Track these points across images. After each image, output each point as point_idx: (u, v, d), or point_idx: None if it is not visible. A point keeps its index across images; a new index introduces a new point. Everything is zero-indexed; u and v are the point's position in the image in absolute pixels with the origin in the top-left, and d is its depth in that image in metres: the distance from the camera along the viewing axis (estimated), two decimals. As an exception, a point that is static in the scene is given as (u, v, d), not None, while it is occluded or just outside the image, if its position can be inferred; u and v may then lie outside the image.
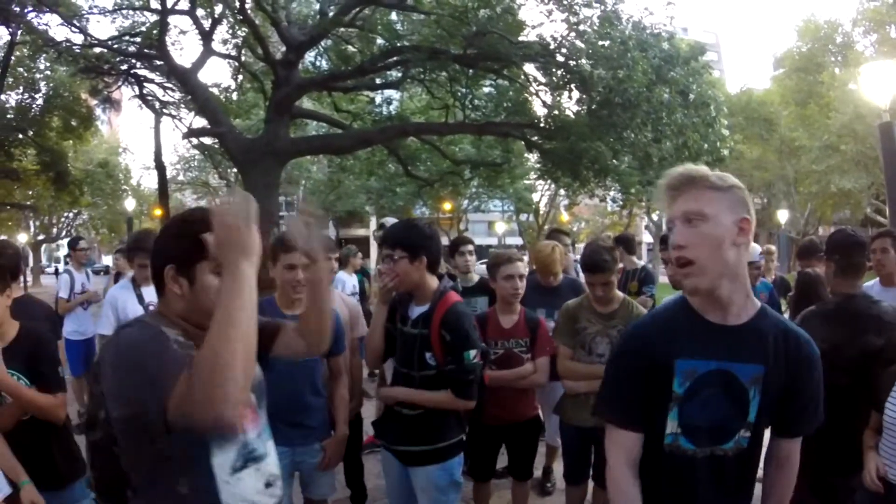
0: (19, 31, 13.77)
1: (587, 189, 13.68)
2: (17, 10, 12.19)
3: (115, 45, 13.64)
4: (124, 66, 14.53)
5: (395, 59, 12.45)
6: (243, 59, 14.93)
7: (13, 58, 15.50)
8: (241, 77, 15.86)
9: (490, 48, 11.14)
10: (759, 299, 1.61)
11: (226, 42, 14.43)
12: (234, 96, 16.57)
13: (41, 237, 33.98)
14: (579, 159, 11.24)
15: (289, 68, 12.40)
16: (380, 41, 13.79)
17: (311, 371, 2.84)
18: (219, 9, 13.21)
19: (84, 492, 2.46)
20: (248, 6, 11.99)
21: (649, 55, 10.70)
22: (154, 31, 12.57)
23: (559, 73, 11.52)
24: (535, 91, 12.62)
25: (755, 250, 4.51)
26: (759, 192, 32.38)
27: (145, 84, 15.64)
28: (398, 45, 12.60)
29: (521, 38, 11.49)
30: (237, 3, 11.82)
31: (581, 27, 10.99)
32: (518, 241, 38.91)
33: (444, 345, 2.50)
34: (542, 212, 35.45)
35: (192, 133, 15.81)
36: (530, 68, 12.27)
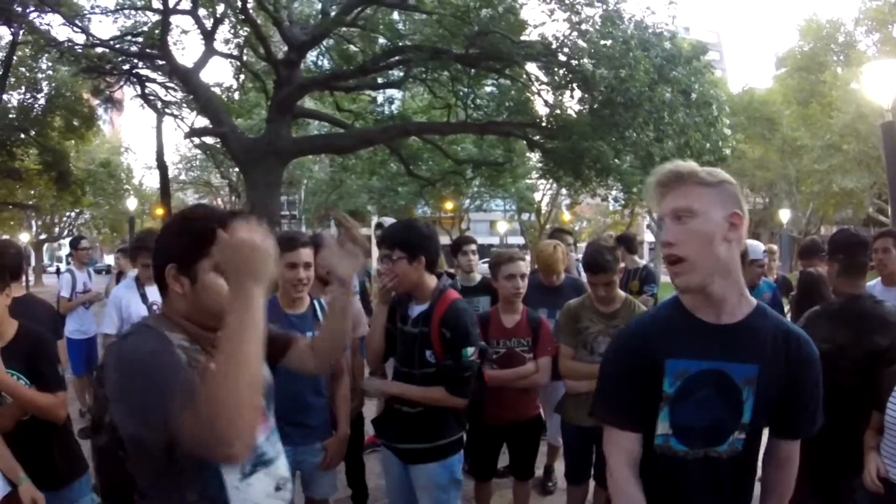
0: (21, 31, 13.78)
1: (589, 188, 13.71)
2: (20, 9, 12.21)
3: (117, 45, 13.68)
4: (126, 66, 14.58)
5: (396, 58, 12.47)
6: (245, 58, 14.95)
7: (15, 58, 15.50)
8: (242, 77, 15.89)
9: (492, 48, 11.14)
10: (763, 299, 1.59)
11: (228, 42, 14.47)
12: (236, 96, 16.61)
13: (43, 237, 34.03)
14: (581, 159, 11.24)
15: (291, 68, 12.41)
16: (382, 41, 13.80)
17: (313, 371, 2.83)
18: (221, 8, 13.24)
19: (84, 490, 2.46)
20: (249, 6, 12.00)
21: (651, 54, 10.69)
22: (156, 31, 12.60)
23: (561, 72, 11.53)
24: (537, 90, 12.63)
25: (758, 248, 4.47)
26: (761, 191, 32.39)
27: (147, 84, 15.70)
28: (400, 44, 12.62)
29: (522, 38, 11.50)
30: (239, 3, 11.83)
31: (583, 26, 11.00)
32: (520, 240, 38.90)
33: (443, 342, 2.49)
34: (543, 211, 35.42)
35: (193, 133, 15.84)
36: (532, 68, 12.28)
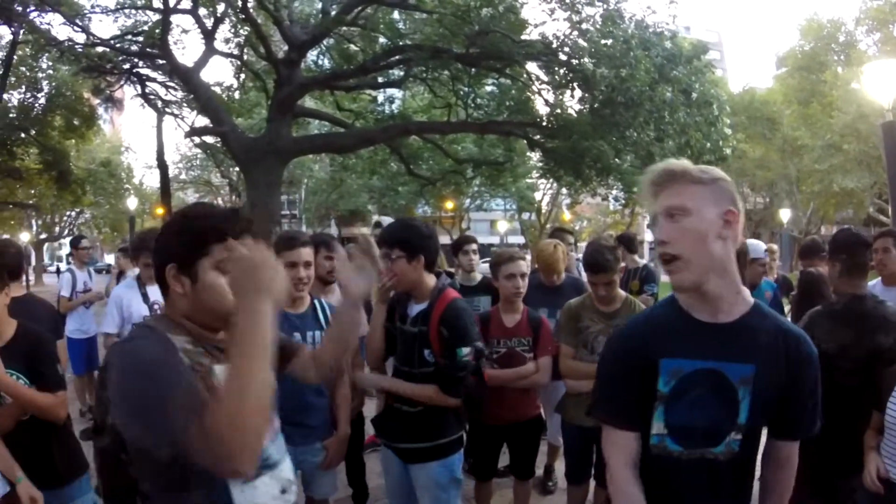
0: (22, 31, 13.77)
1: (589, 188, 13.71)
2: (20, 9, 12.21)
3: (118, 45, 13.67)
4: (126, 66, 14.58)
5: (397, 57, 12.47)
6: (245, 58, 14.95)
7: (15, 57, 15.50)
8: (243, 76, 15.89)
9: (492, 47, 11.14)
10: (765, 298, 1.58)
11: (228, 41, 14.46)
12: (237, 95, 16.60)
13: (43, 236, 34.02)
14: (581, 158, 11.24)
15: (291, 67, 12.41)
16: (382, 40, 13.80)
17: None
18: (221, 8, 13.24)
19: (84, 489, 2.46)
20: (250, 5, 12.00)
21: (652, 54, 10.70)
22: (156, 31, 12.60)
23: (562, 71, 11.53)
24: (537, 90, 12.63)
25: (760, 247, 4.45)
26: (762, 191, 32.38)
27: (147, 83, 15.71)
28: (400, 43, 12.63)
29: (523, 37, 11.50)
30: (239, 2, 11.83)
31: (583, 26, 11.01)
32: (520, 239, 38.89)
33: (442, 341, 2.48)
34: (544, 211, 35.45)
35: (194, 132, 15.84)
36: (533, 67, 12.28)
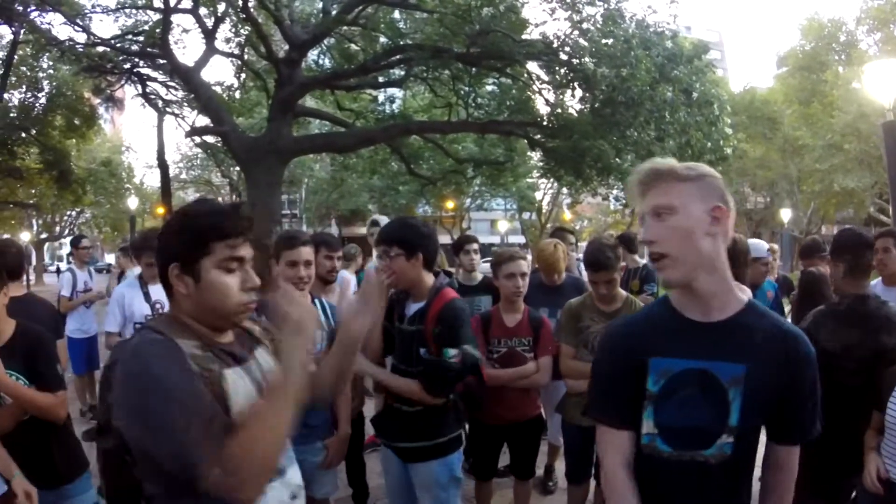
0: (22, 30, 13.78)
1: (590, 187, 13.72)
2: (21, 9, 12.22)
3: (118, 44, 13.67)
4: (127, 65, 14.58)
5: (398, 57, 12.47)
6: (246, 57, 14.93)
7: (16, 57, 15.52)
8: (243, 75, 15.88)
9: (493, 46, 11.14)
10: (766, 298, 1.57)
11: (229, 40, 14.45)
12: (237, 95, 16.58)
13: (44, 236, 34.02)
14: (582, 158, 11.24)
15: (292, 67, 12.41)
16: (383, 39, 13.80)
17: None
18: (222, 7, 13.24)
19: (84, 487, 2.46)
20: (251, 5, 11.99)
21: (652, 54, 10.70)
22: (157, 30, 12.60)
23: (562, 71, 11.53)
24: (538, 89, 12.63)
25: (762, 247, 4.44)
26: (762, 190, 32.33)
27: (148, 83, 15.71)
28: (401, 43, 12.62)
29: (524, 37, 11.50)
30: (240, 2, 11.83)
31: (584, 25, 11.01)
32: (521, 239, 38.87)
33: (435, 339, 2.48)
34: (544, 210, 35.46)
35: (194, 132, 15.85)
36: (533, 67, 12.29)
